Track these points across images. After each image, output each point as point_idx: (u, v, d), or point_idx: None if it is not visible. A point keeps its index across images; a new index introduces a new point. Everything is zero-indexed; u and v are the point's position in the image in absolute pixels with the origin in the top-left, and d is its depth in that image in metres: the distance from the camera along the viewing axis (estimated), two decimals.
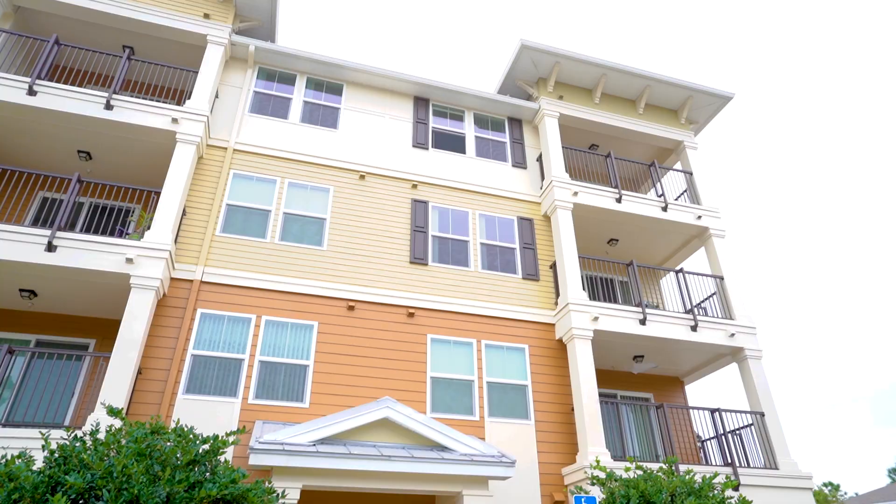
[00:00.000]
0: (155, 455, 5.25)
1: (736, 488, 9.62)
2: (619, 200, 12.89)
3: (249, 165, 11.63)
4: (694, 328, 11.70)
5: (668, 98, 14.85)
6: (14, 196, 10.57)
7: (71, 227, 10.79)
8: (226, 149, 11.60)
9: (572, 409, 10.91)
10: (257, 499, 5.54)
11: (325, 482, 7.82)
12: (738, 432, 11.27)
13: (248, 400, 9.48)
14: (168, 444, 5.50)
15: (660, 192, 13.67)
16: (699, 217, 13.38)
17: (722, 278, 12.72)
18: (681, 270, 12.60)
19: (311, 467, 7.63)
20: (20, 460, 5.17)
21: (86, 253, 9.08)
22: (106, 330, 10.08)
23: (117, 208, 11.65)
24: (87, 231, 10.87)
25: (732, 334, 11.83)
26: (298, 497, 7.69)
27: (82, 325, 10.35)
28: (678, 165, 15.08)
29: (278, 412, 9.45)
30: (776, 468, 10.75)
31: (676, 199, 14.14)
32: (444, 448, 8.41)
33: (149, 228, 9.82)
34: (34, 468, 5.10)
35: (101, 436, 5.69)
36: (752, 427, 11.28)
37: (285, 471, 7.63)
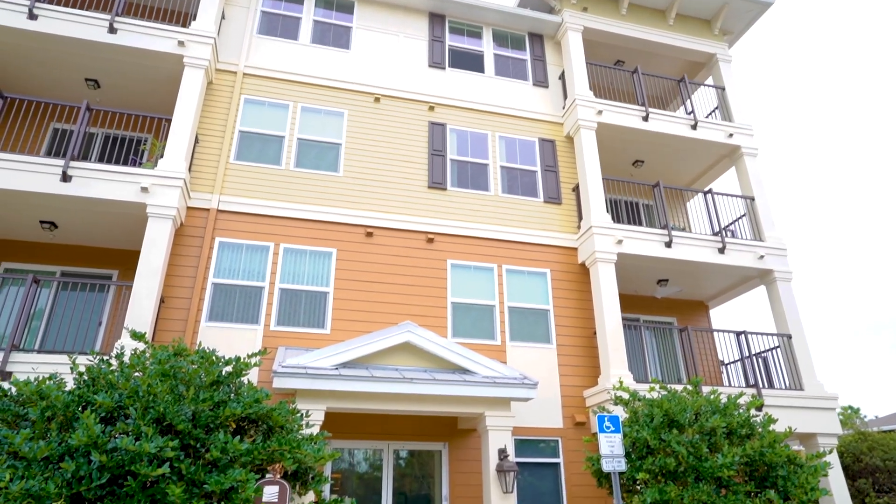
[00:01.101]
0: (179, 376, 5.27)
1: (760, 408, 9.57)
2: (645, 119, 12.29)
3: (260, 90, 11.24)
4: (721, 250, 11.37)
5: (701, 6, 13.84)
6: (25, 127, 10.42)
7: (84, 158, 10.68)
8: (235, 73, 11.19)
9: (594, 333, 10.84)
10: (282, 418, 5.58)
11: (348, 405, 7.92)
12: (762, 355, 11.14)
13: (270, 327, 9.55)
14: (192, 365, 5.51)
15: (689, 110, 12.99)
16: (730, 135, 12.74)
17: (752, 199, 12.24)
18: (709, 191, 12.13)
19: (334, 390, 7.71)
20: (51, 381, 5.24)
21: (101, 183, 8.98)
22: (128, 261, 10.13)
23: (129, 138, 11.45)
24: (101, 162, 10.73)
25: (762, 256, 11.48)
26: (323, 419, 7.82)
27: (105, 257, 10.40)
28: (710, 81, 14.26)
29: (300, 338, 9.53)
30: (801, 389, 10.66)
31: (707, 117, 13.45)
32: (465, 371, 8.42)
33: (162, 157, 9.64)
34: (65, 390, 5.16)
35: (126, 359, 5.73)
36: (779, 349, 11.13)
37: (309, 394, 7.72)
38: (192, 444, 4.83)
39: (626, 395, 7.67)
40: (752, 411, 9.13)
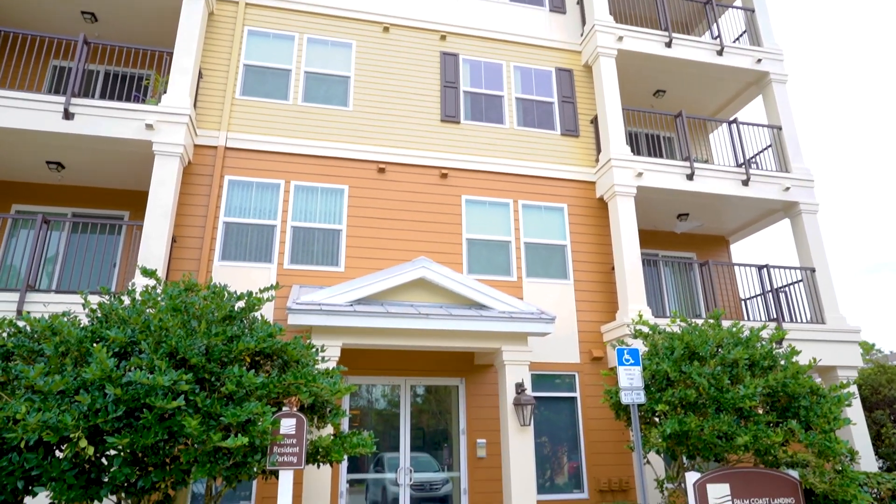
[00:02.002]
0: (190, 311, 5.19)
1: (781, 341, 9.42)
2: (668, 45, 11.64)
3: (264, 21, 10.75)
4: (745, 182, 10.97)
5: None
6: (22, 65, 10.11)
7: (86, 95, 10.39)
8: (237, 2, 10.67)
9: (612, 269, 10.65)
10: (297, 353, 5.52)
11: (363, 340, 7.88)
12: (783, 289, 10.91)
13: (284, 265, 9.47)
14: (203, 301, 5.42)
15: (715, 34, 12.27)
16: (759, 61, 12.06)
17: (780, 128, 11.70)
18: (734, 121, 11.59)
19: (349, 326, 7.66)
20: (65, 318, 5.18)
21: (104, 120, 8.73)
22: (139, 202, 10.01)
23: (132, 75, 11.09)
24: (104, 99, 10.43)
25: (787, 188, 11.06)
26: (339, 355, 7.81)
27: (115, 198, 10.28)
28: (738, 2, 13.41)
29: (314, 276, 9.45)
30: (823, 323, 10.48)
31: (734, 42, 12.72)
32: (482, 306, 8.31)
33: (165, 93, 9.32)
34: (78, 326, 5.11)
35: (138, 296, 5.65)
36: (801, 283, 10.88)
37: (324, 330, 7.68)
38: (206, 377, 4.78)
39: (645, 329, 7.54)
40: (775, 344, 8.99)
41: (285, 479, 5.00)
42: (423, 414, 9.43)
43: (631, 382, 6.72)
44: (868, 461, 9.41)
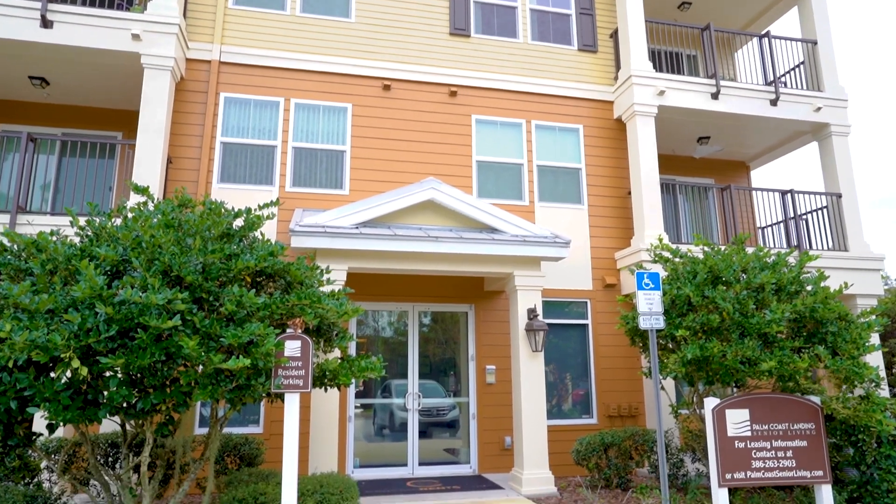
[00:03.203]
0: (185, 227, 4.83)
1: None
2: None
3: None
4: (774, 102, 10.31)
5: None
6: None
7: (65, 1, 9.65)
8: None
9: (628, 193, 10.20)
10: (300, 274, 5.20)
11: (370, 264, 7.58)
12: (804, 217, 10.46)
13: (286, 188, 9.07)
14: (199, 218, 5.05)
15: None
16: None
17: (815, 43, 10.89)
18: (766, 34, 10.77)
19: (355, 249, 7.33)
20: (53, 237, 4.84)
21: (86, 29, 8.09)
22: (133, 122, 9.49)
23: None
24: (85, 5, 9.71)
25: (819, 108, 10.40)
26: (345, 280, 7.53)
27: (108, 118, 9.75)
28: None
29: (317, 200, 9.06)
30: (846, 250, 10.11)
31: None
32: (493, 230, 7.95)
33: None
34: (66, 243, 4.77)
35: (129, 214, 5.29)
36: (825, 210, 10.43)
37: (329, 253, 7.36)
38: (204, 297, 4.48)
39: (666, 254, 7.18)
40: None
41: (291, 402, 4.80)
42: (431, 341, 9.28)
43: (650, 307, 6.43)
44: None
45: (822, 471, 5.92)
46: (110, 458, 6.47)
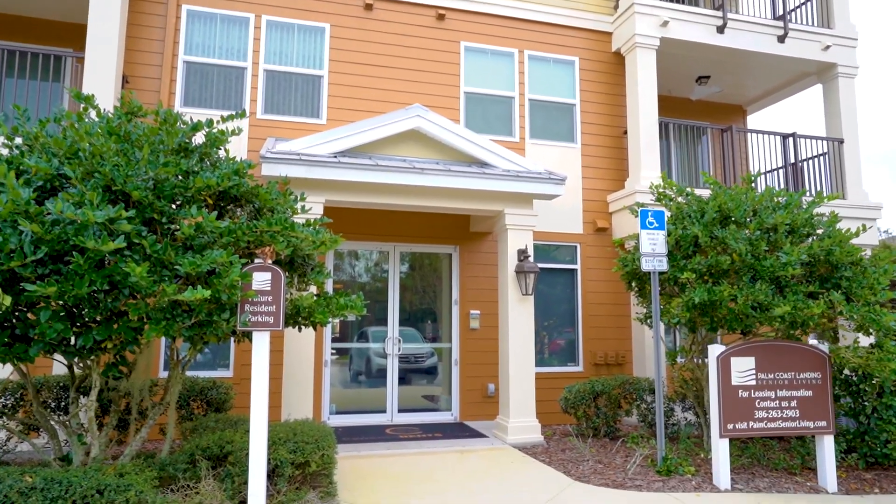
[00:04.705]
0: (133, 138, 4.11)
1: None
2: None
3: None
4: (782, 39, 9.69)
5: None
6: None
7: None
8: None
9: (624, 133, 9.61)
10: (271, 199, 4.55)
11: (349, 198, 6.92)
12: (801, 163, 10.03)
13: (257, 115, 8.26)
14: (150, 127, 4.32)
15: None
16: None
17: None
18: None
19: (333, 179, 6.65)
20: None
21: None
22: (84, 37, 8.45)
23: None
24: None
25: (827, 47, 9.83)
26: (321, 213, 6.88)
27: (57, 32, 8.67)
28: None
29: (291, 128, 8.28)
30: (844, 198, 9.75)
31: None
32: (484, 164, 7.32)
33: None
34: None
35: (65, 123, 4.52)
36: (825, 157, 10.00)
37: (304, 184, 6.67)
38: (156, 218, 3.82)
39: (671, 192, 6.67)
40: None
41: (260, 341, 4.23)
42: (412, 284, 8.75)
43: (653, 248, 5.95)
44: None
45: (825, 421, 5.63)
46: (63, 403, 5.89)
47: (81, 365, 4.48)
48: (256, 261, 4.23)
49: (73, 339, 3.72)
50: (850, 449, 6.28)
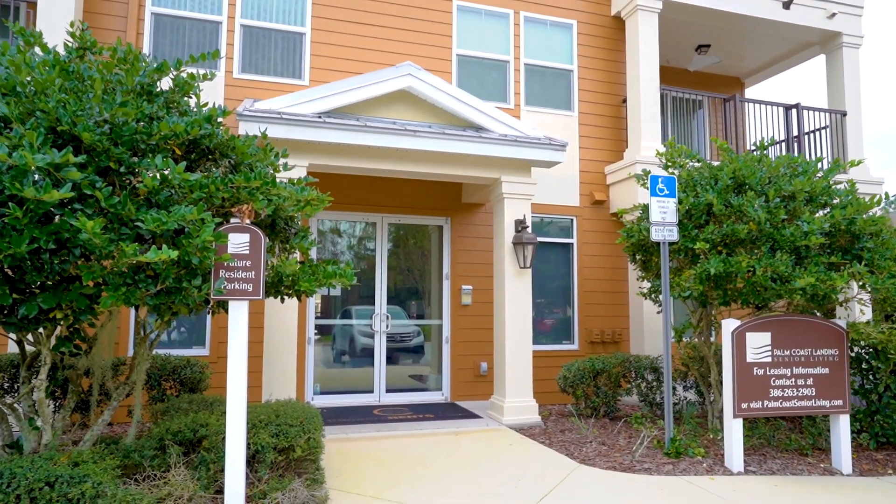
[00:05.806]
0: (86, 76, 3.54)
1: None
2: None
3: None
4: (787, 5, 9.28)
5: None
6: None
7: None
8: None
9: (623, 102, 9.17)
10: (249, 153, 4.02)
11: (335, 162, 6.39)
12: (803, 136, 9.70)
13: (233, 74, 7.64)
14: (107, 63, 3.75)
15: None
16: None
17: None
18: None
19: (317, 141, 6.11)
20: None
21: None
22: None
23: None
24: None
25: (833, 15, 9.46)
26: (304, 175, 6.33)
27: None
28: None
29: (270, 89, 7.68)
30: (845, 172, 9.44)
31: None
32: (480, 128, 6.82)
33: None
34: None
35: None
36: (827, 129, 9.68)
37: (286, 144, 6.10)
38: (113, 167, 3.28)
39: (679, 160, 6.25)
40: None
41: (237, 311, 3.73)
42: (401, 256, 8.27)
43: (664, 217, 5.55)
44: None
45: (841, 400, 5.33)
46: (17, 385, 5.34)
47: (32, 340, 3.93)
48: (233, 220, 3.72)
49: (13, 307, 3.18)
50: (859, 430, 6.02)
